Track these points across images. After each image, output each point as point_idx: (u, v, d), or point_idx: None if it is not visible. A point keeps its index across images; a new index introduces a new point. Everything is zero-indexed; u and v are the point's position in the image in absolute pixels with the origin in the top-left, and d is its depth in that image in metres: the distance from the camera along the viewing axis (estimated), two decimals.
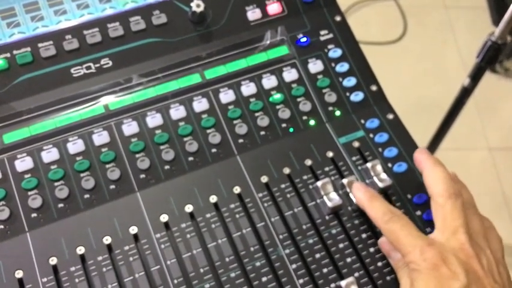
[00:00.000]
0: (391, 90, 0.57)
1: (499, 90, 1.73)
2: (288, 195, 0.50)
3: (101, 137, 0.51)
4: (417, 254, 0.41)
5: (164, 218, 0.48)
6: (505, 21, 0.82)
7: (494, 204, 1.51)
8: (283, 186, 0.50)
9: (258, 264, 0.47)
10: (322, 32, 0.58)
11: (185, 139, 0.52)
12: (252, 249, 0.47)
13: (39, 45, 0.53)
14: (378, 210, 0.45)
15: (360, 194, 0.47)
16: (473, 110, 1.63)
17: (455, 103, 1.04)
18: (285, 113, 0.54)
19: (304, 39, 0.57)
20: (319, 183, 0.50)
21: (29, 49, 0.52)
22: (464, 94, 1.00)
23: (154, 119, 0.52)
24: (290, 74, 0.56)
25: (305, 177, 0.51)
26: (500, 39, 0.86)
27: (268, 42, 0.57)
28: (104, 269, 0.46)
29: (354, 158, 0.52)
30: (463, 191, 0.46)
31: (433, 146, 1.16)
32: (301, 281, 0.46)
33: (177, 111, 0.53)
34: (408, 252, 0.42)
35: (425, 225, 0.49)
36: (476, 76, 0.96)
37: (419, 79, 1.72)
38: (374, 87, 0.57)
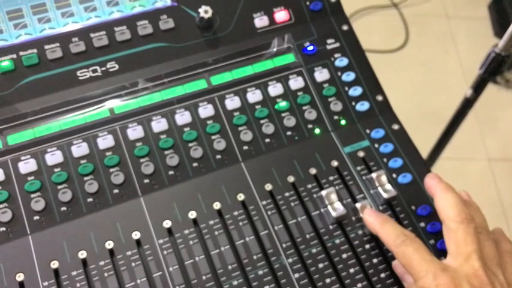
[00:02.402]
0: (391, 99, 0.57)
1: (500, 101, 1.73)
2: (292, 204, 0.50)
3: (105, 141, 0.51)
4: (430, 279, 0.40)
5: (167, 223, 0.48)
6: (509, 33, 0.82)
7: (492, 214, 1.51)
8: (287, 194, 0.50)
9: (260, 272, 0.46)
10: (329, 41, 0.58)
11: (190, 145, 0.52)
12: (254, 257, 0.47)
13: (46, 47, 0.53)
14: (390, 234, 0.44)
15: (371, 219, 0.47)
16: (473, 120, 1.64)
17: (456, 114, 1.04)
18: (290, 121, 0.54)
19: (311, 48, 0.57)
20: (323, 193, 0.49)
21: (35, 51, 0.52)
22: (467, 105, 1.00)
23: (159, 124, 0.52)
24: (296, 82, 0.56)
25: (309, 186, 0.51)
26: (504, 51, 0.86)
27: (274, 49, 0.57)
28: (106, 274, 0.45)
29: (358, 168, 0.52)
30: (475, 215, 0.45)
31: (433, 155, 1.17)
32: None
33: (183, 117, 0.53)
34: (420, 277, 0.41)
35: (429, 237, 0.49)
36: (478, 87, 0.96)
37: (420, 88, 1.72)
38: (380, 97, 0.57)
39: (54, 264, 0.45)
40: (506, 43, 0.85)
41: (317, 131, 0.54)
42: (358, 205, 0.49)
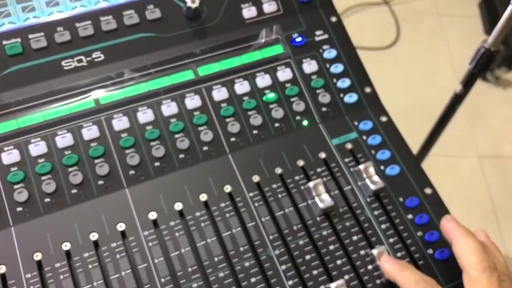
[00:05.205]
0: (383, 95, 0.57)
1: (490, 98, 1.74)
2: (279, 196, 0.49)
3: (90, 132, 0.50)
4: None
5: (153, 215, 0.47)
6: (499, 28, 0.82)
7: (482, 211, 1.51)
8: (274, 186, 0.50)
9: (247, 264, 0.46)
10: (317, 32, 0.58)
11: (176, 136, 0.51)
12: (241, 249, 0.47)
13: (30, 36, 0.52)
14: (409, 280, 0.43)
15: (389, 266, 0.45)
16: (463, 117, 1.64)
17: (446, 109, 1.04)
18: (278, 113, 0.54)
19: (299, 39, 0.57)
20: (311, 184, 0.49)
21: (19, 40, 0.51)
22: (456, 101, 1.00)
23: (145, 115, 0.51)
24: (284, 74, 0.55)
25: (297, 177, 0.50)
26: (493, 47, 0.86)
27: (263, 40, 0.57)
28: (90, 266, 0.45)
29: (346, 160, 0.52)
30: (496, 260, 0.43)
31: (423, 151, 1.17)
32: (290, 282, 0.45)
33: (169, 108, 0.52)
34: None
35: (417, 229, 0.49)
36: (468, 83, 0.96)
37: (411, 85, 1.72)
38: (368, 89, 0.56)
39: (38, 256, 0.45)
40: (496, 38, 0.85)
41: (305, 122, 0.54)
42: (374, 251, 0.47)
